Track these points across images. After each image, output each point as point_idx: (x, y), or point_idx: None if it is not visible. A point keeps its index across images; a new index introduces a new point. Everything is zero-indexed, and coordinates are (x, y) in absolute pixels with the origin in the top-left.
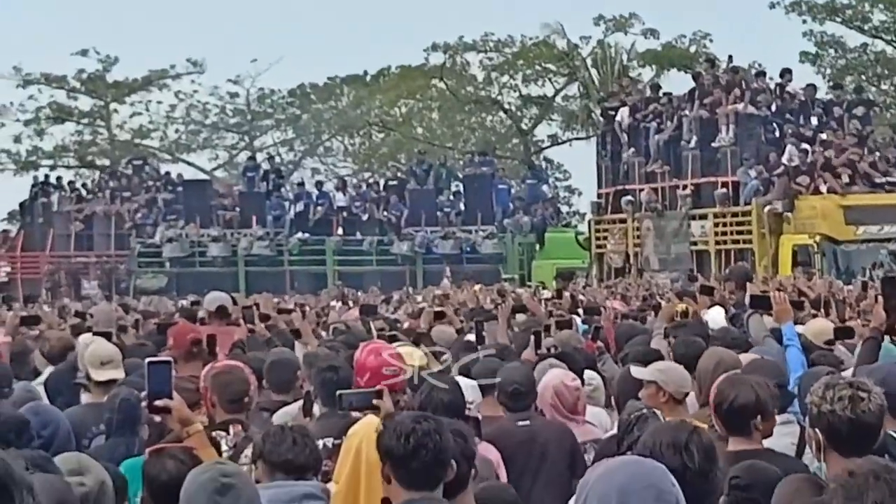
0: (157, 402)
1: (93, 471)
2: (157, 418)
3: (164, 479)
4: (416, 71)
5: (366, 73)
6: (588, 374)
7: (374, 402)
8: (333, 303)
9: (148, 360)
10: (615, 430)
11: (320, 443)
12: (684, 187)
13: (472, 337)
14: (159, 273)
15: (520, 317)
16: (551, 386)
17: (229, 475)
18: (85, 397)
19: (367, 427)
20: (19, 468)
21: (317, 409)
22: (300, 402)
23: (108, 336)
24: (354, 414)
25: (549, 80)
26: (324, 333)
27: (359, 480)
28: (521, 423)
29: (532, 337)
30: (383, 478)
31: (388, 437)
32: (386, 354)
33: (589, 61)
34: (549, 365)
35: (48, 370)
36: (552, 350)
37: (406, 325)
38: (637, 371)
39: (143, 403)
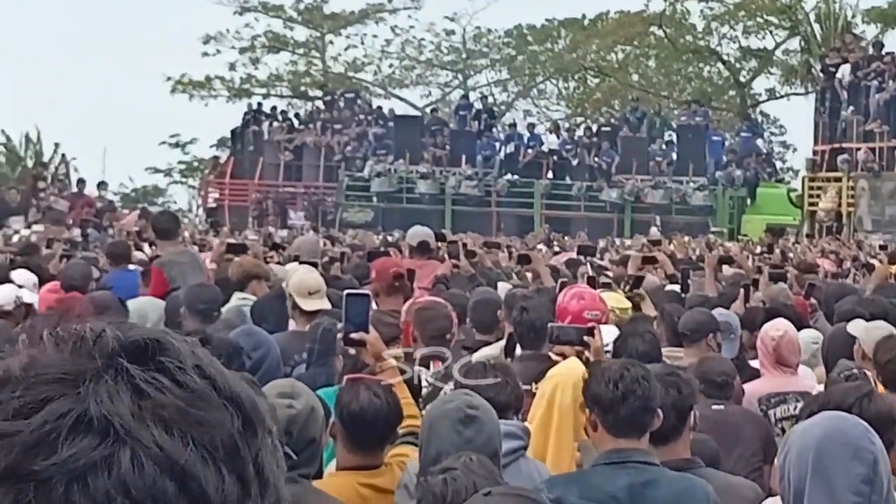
0: (353, 335)
1: (303, 395)
2: (352, 351)
3: (354, 408)
4: (635, 17)
5: (584, 16)
6: (812, 333)
7: (585, 338)
8: (539, 246)
9: (346, 292)
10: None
11: None
12: None
13: (677, 287)
14: (366, 207)
15: (726, 269)
16: (769, 336)
17: (475, 407)
18: (290, 325)
19: (562, 373)
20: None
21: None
22: (502, 343)
23: (314, 266)
24: (555, 357)
25: (770, 32)
26: (528, 276)
27: (549, 425)
28: (714, 406)
29: (741, 290)
30: (590, 424)
31: (597, 382)
32: (589, 298)
33: (812, 16)
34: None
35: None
36: (762, 304)
37: (611, 271)
38: (854, 327)
39: (339, 335)
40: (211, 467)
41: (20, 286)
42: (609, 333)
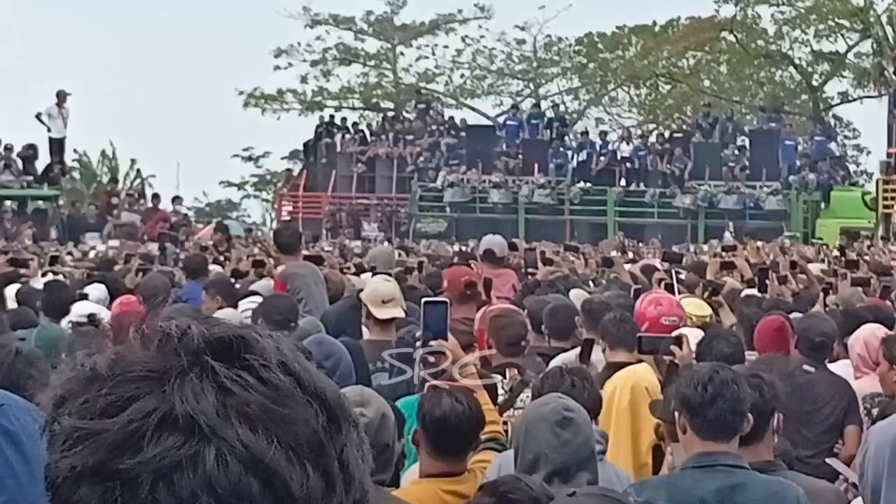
0: (433, 343)
1: (374, 403)
2: (432, 358)
3: (437, 414)
4: (706, 22)
5: (654, 23)
6: None
7: (672, 347)
8: (614, 253)
9: (424, 300)
10: None
11: None
12: None
13: (754, 291)
14: (439, 217)
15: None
16: (862, 338)
17: (571, 409)
18: (366, 334)
19: (622, 377)
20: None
21: (596, 355)
22: (578, 349)
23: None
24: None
25: (842, 35)
26: (603, 282)
27: (607, 427)
28: (806, 366)
29: (821, 293)
30: (679, 428)
31: (686, 385)
32: (666, 304)
33: (884, 18)
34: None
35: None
36: (836, 306)
37: (684, 276)
38: None
39: (419, 343)
40: (296, 464)
41: (95, 300)
42: (693, 338)
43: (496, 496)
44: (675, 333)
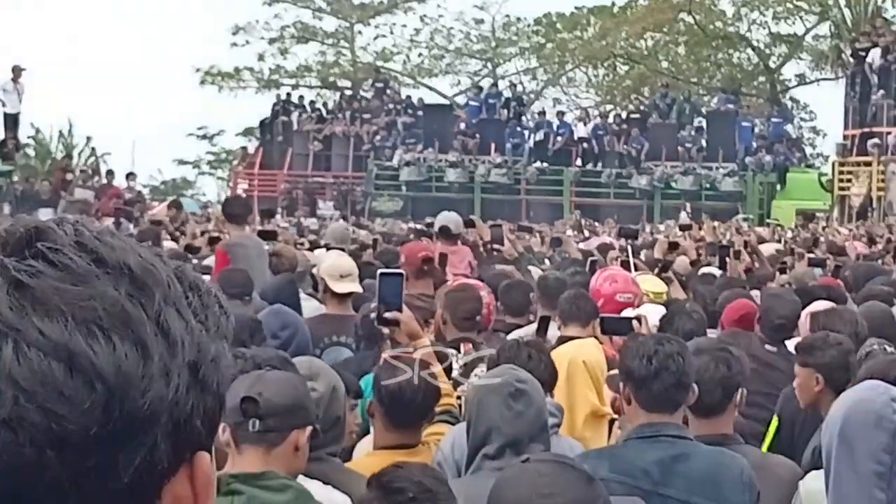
0: (387, 315)
1: (324, 376)
2: (386, 330)
3: (392, 387)
4: (664, 3)
5: (613, 3)
6: None
7: (634, 325)
8: (569, 232)
9: (380, 271)
10: None
11: None
12: None
13: (714, 269)
14: (395, 196)
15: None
16: (809, 314)
17: (524, 381)
18: (322, 309)
19: (563, 351)
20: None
21: (552, 332)
22: (534, 325)
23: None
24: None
25: (800, 18)
26: (557, 259)
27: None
28: (768, 346)
29: (777, 272)
30: (623, 399)
31: (631, 357)
32: (622, 281)
33: (842, 0)
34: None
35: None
36: (789, 285)
37: (641, 255)
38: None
39: (373, 315)
40: (99, 339)
41: None
42: (653, 314)
43: (380, 488)
44: (633, 313)
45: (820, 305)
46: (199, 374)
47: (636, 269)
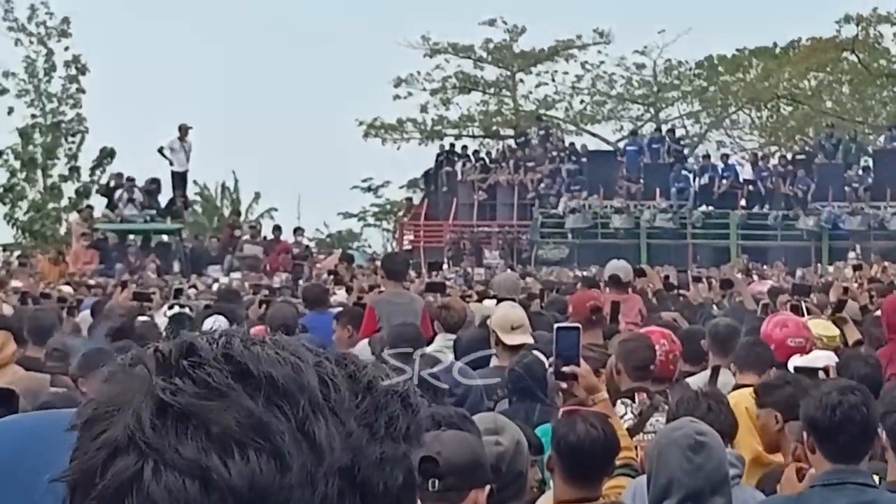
0: (565, 369)
1: (508, 430)
2: (564, 385)
3: (572, 439)
4: (828, 43)
5: (775, 44)
6: None
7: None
8: (738, 275)
9: (557, 325)
10: None
11: None
12: None
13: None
14: (561, 244)
15: None
16: None
17: (703, 433)
18: (494, 361)
19: (735, 396)
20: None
21: (725, 378)
22: (708, 371)
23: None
24: None
25: None
26: (727, 305)
27: None
28: None
29: None
30: (808, 448)
31: (815, 408)
32: (792, 326)
33: None
34: None
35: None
36: None
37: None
38: None
39: (551, 369)
40: (234, 453)
41: None
42: (825, 360)
43: None
44: (816, 361)
45: None
46: (357, 478)
47: (808, 314)
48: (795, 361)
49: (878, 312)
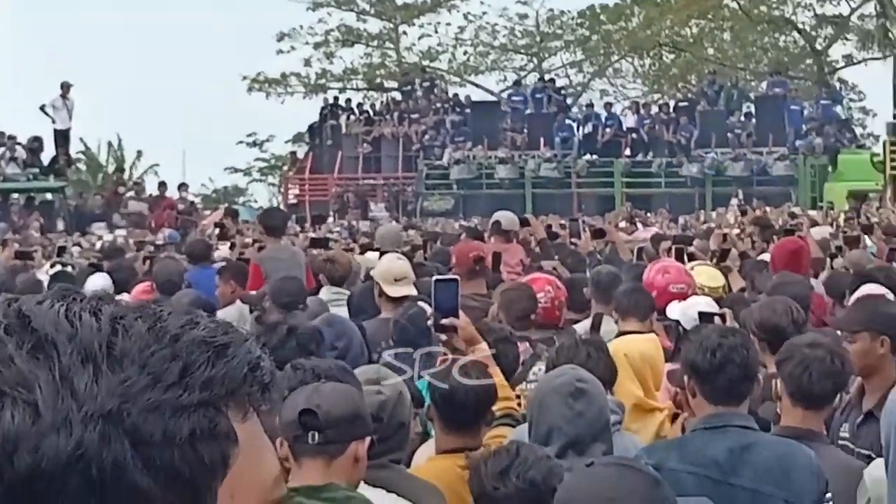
0: (444, 321)
1: (390, 381)
2: (444, 337)
3: (449, 390)
4: None
5: None
6: None
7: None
8: (622, 223)
9: (435, 278)
10: None
11: None
12: None
13: (765, 256)
14: (446, 195)
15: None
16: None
17: (584, 381)
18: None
19: (613, 346)
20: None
21: (609, 326)
22: (590, 320)
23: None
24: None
25: None
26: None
27: None
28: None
29: (827, 258)
30: (688, 391)
31: (695, 351)
32: (674, 272)
33: None
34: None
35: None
36: (846, 270)
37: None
38: None
39: (430, 322)
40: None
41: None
42: (707, 307)
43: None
44: (707, 307)
45: (865, 291)
46: (125, 424)
47: (691, 260)
48: (674, 307)
49: (762, 257)
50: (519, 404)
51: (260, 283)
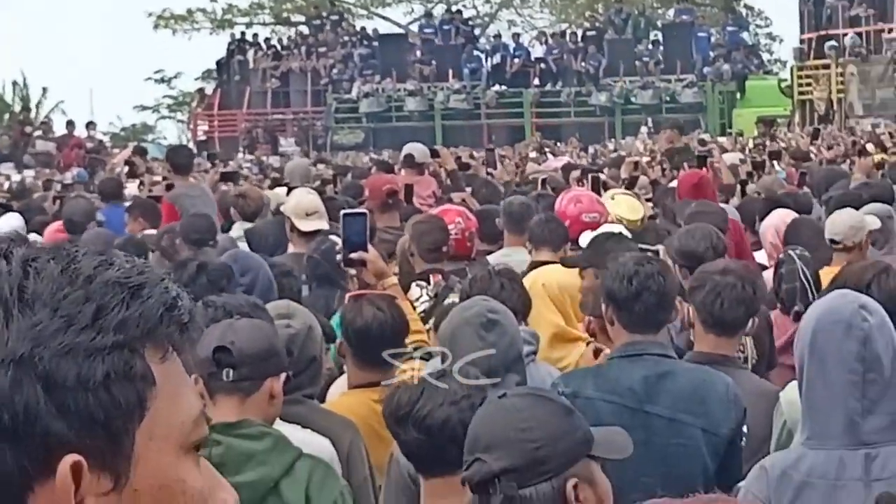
0: (353, 255)
1: (300, 315)
2: (353, 271)
3: (359, 323)
4: None
5: None
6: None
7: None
8: (532, 154)
9: (343, 211)
10: None
11: None
12: (890, 31)
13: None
14: (356, 128)
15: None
16: (772, 226)
17: (495, 311)
18: (289, 248)
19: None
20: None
21: (522, 256)
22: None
23: None
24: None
25: None
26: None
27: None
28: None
29: (738, 185)
30: (606, 320)
31: (612, 279)
32: (586, 201)
33: None
34: None
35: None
36: (757, 195)
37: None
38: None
39: (339, 256)
40: None
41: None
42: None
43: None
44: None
45: (778, 216)
46: (38, 368)
47: (605, 189)
48: (586, 236)
49: (672, 184)
50: (429, 338)
51: (176, 221)
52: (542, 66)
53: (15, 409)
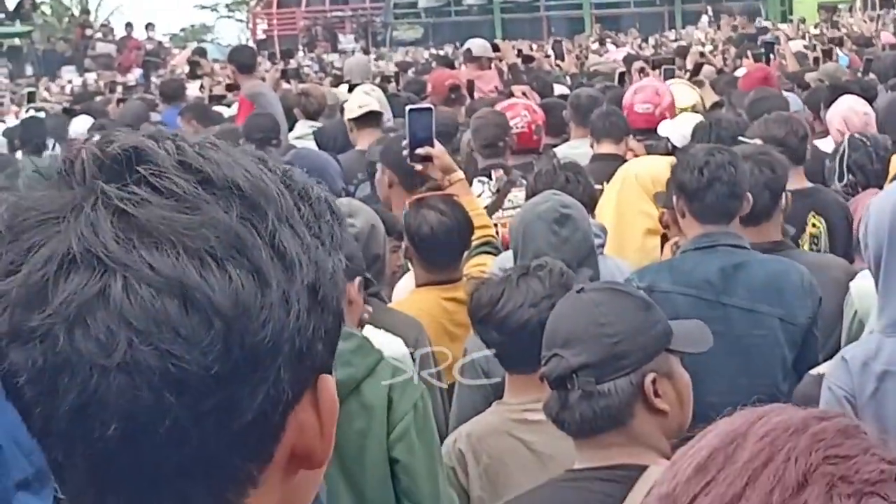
0: (419, 150)
1: (362, 213)
2: (419, 167)
3: (425, 231)
4: None
5: None
6: None
7: None
8: (593, 45)
9: (409, 107)
10: None
11: None
12: None
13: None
14: (415, 24)
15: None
16: (839, 113)
17: (568, 206)
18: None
19: (626, 168)
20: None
21: (585, 148)
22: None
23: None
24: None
25: None
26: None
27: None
28: None
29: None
30: (677, 212)
31: (682, 170)
32: (645, 92)
33: None
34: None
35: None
36: (820, 82)
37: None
38: None
39: (405, 152)
40: (213, 271)
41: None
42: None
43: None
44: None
45: (846, 103)
46: (319, 295)
47: (669, 77)
48: (665, 125)
49: (738, 73)
50: (497, 233)
51: None
52: None
53: (305, 336)
